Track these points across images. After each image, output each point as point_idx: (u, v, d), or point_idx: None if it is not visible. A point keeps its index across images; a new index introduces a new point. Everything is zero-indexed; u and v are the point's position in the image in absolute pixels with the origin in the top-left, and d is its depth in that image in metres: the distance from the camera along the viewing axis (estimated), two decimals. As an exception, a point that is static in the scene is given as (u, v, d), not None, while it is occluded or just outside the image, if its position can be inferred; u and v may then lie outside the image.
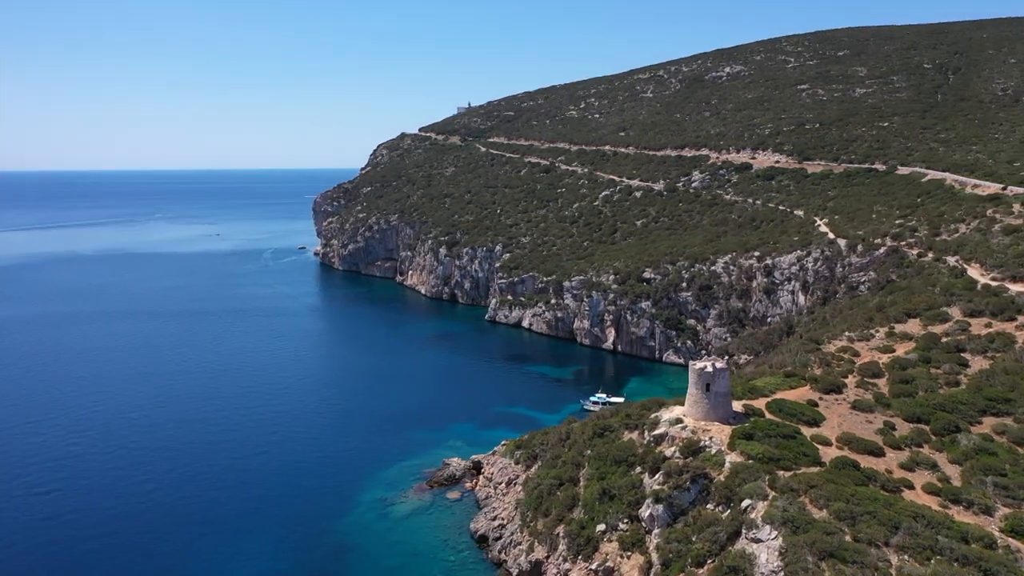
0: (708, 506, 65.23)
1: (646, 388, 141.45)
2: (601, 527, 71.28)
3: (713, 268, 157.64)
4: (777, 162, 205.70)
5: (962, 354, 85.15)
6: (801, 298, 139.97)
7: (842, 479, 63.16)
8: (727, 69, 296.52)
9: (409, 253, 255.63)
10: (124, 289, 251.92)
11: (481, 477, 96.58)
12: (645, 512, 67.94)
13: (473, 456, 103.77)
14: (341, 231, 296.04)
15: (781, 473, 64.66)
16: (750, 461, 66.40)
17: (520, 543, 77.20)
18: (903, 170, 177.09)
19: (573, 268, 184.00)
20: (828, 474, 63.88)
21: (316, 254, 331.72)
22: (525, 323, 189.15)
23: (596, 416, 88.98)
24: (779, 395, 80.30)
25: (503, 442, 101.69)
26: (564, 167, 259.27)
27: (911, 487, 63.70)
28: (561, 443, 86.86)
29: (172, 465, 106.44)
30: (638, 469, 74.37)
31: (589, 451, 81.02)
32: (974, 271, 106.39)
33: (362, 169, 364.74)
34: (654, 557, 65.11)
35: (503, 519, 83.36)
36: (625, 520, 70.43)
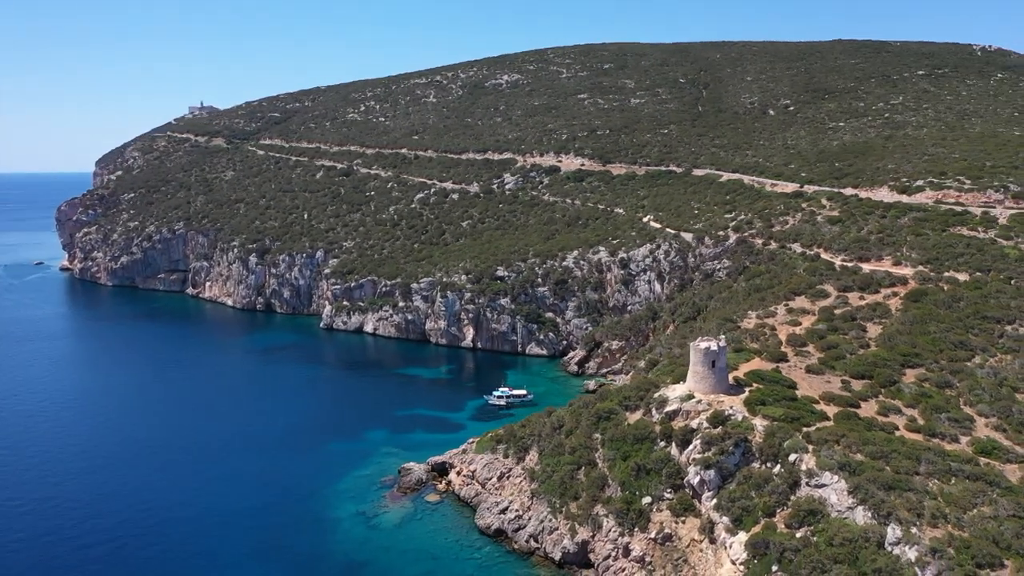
0: (753, 465, 74.27)
1: (526, 379, 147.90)
2: (647, 499, 77.41)
3: (564, 264, 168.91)
4: (583, 165, 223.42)
5: (857, 322, 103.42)
6: (658, 287, 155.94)
7: (857, 428, 75.72)
8: (505, 77, 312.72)
9: (205, 263, 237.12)
10: None
11: (457, 476, 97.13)
12: (694, 479, 75.28)
13: (430, 459, 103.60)
14: (106, 243, 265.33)
15: (805, 429, 75.75)
16: (775, 423, 76.63)
17: (556, 528, 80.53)
18: (698, 172, 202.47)
19: (418, 270, 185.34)
20: (843, 426, 76.04)
21: (65, 269, 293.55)
22: (368, 328, 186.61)
23: (582, 404, 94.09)
24: (744, 367, 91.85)
25: (470, 440, 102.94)
26: (364, 170, 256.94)
27: (897, 429, 77.93)
28: (555, 432, 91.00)
29: (104, 548, 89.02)
30: (662, 443, 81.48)
31: (598, 434, 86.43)
32: (825, 255, 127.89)
33: (109, 174, 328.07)
34: (714, 516, 72.69)
35: (517, 510, 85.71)
36: (669, 490, 77.25)
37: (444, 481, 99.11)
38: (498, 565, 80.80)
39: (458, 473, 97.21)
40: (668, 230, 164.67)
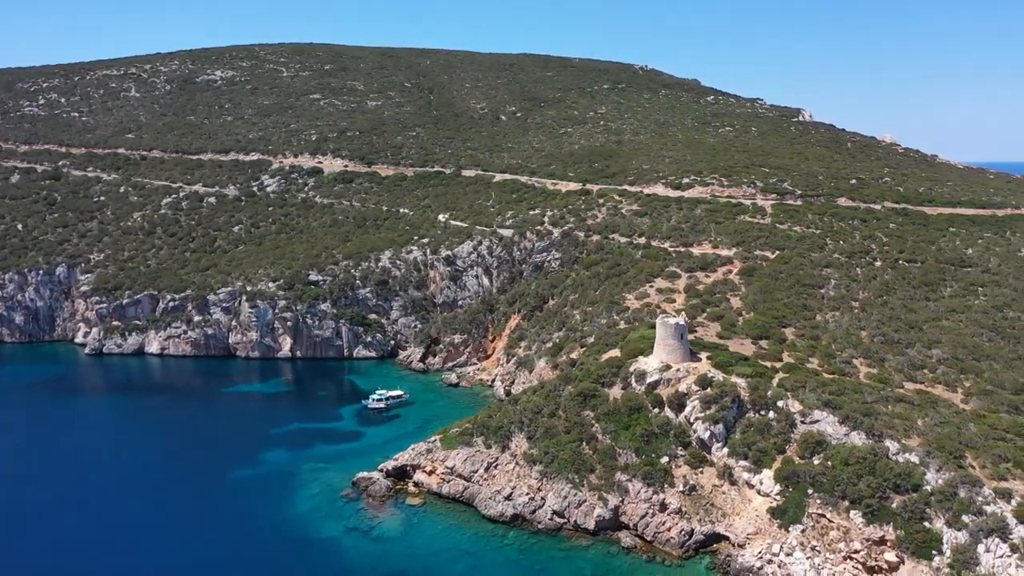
0: (749, 415, 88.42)
1: (377, 382, 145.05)
2: (664, 459, 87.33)
3: (381, 264, 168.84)
4: (347, 166, 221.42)
5: (719, 295, 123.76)
6: (486, 281, 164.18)
7: (809, 375, 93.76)
8: (219, 73, 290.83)
9: None
10: None
11: (431, 475, 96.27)
12: (704, 434, 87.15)
13: (382, 464, 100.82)
14: None
15: (774, 381, 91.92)
16: (750, 379, 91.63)
17: (584, 500, 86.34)
18: (468, 172, 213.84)
19: (211, 280, 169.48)
20: (798, 374, 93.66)
21: None
22: (152, 348, 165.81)
23: (552, 388, 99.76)
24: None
25: (432, 438, 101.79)
26: (78, 173, 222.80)
27: (820, 372, 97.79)
28: (536, 416, 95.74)
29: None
30: (656, 410, 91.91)
31: (589, 412, 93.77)
32: (654, 243, 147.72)
33: None
34: (730, 462, 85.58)
35: (527, 493, 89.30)
36: (680, 448, 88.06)
37: (411, 483, 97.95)
38: (535, 546, 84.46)
39: (430, 472, 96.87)
40: (479, 227, 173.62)
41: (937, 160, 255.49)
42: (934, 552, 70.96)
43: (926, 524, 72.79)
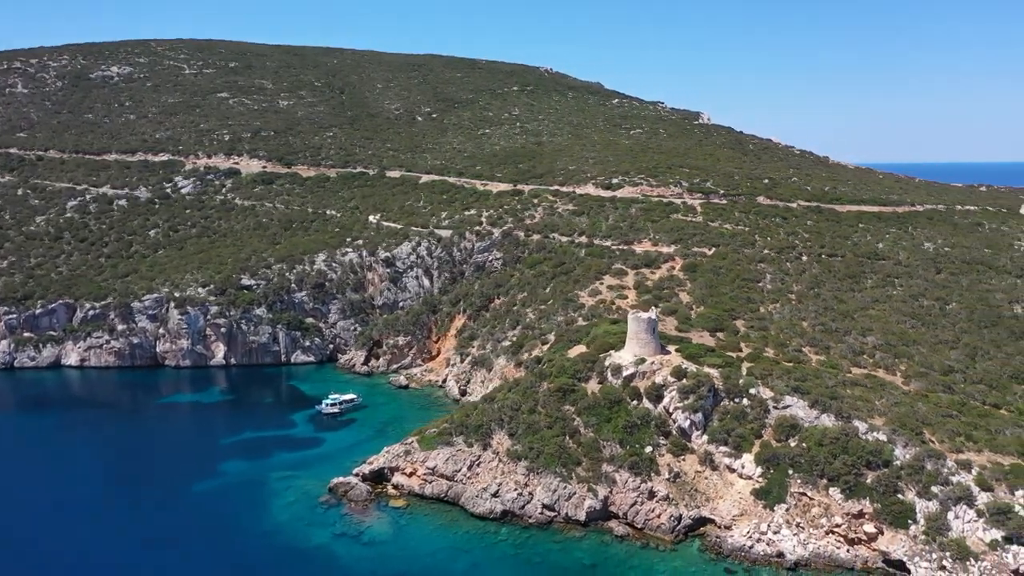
0: (724, 403, 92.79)
1: (321, 386, 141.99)
2: (648, 449, 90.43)
3: (316, 267, 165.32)
4: (265, 167, 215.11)
5: (668, 290, 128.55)
6: (427, 282, 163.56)
7: (772, 364, 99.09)
8: (115, 69, 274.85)
9: None
10: None
11: (411, 477, 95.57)
12: (685, 423, 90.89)
13: (356, 469, 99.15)
14: None
15: (743, 369, 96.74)
16: (722, 369, 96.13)
17: (574, 492, 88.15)
18: (392, 173, 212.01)
19: (134, 287, 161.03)
20: (764, 363, 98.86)
21: None
22: (71, 360, 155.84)
23: (528, 384, 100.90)
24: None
25: (409, 440, 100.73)
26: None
27: (778, 361, 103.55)
28: (515, 413, 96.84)
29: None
30: (634, 402, 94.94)
31: (569, 406, 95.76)
32: (596, 241, 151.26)
33: None
34: (710, 449, 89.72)
35: (514, 489, 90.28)
36: (662, 438, 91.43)
37: (390, 485, 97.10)
38: (528, 540, 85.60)
39: (410, 474, 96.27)
40: (414, 228, 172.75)
41: (831, 161, 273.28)
42: (910, 521, 77.09)
43: (899, 496, 78.87)
